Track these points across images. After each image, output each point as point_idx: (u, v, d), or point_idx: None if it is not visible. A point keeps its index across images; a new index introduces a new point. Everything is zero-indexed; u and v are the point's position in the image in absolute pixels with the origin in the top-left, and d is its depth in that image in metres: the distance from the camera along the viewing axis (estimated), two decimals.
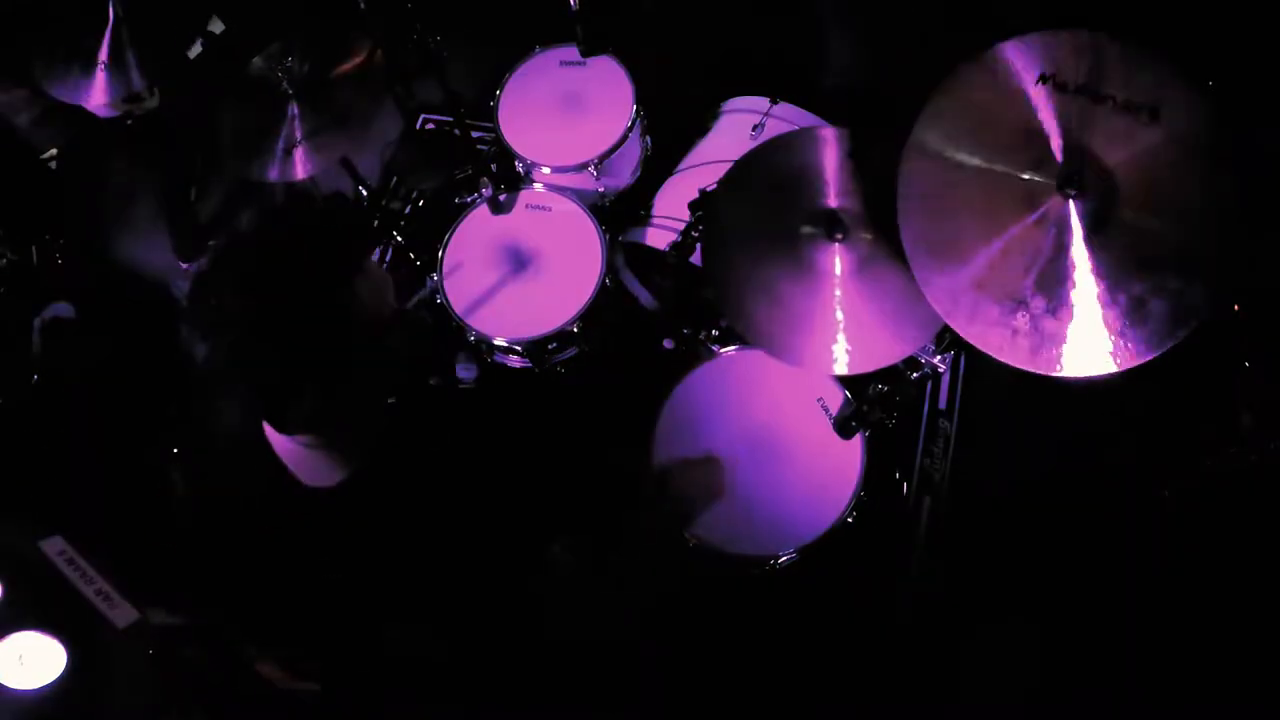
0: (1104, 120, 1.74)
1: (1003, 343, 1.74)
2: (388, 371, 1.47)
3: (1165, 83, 1.71)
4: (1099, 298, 1.70)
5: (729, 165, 2.37)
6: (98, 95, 2.73)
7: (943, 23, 3.42)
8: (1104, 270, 1.71)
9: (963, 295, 1.77)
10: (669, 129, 3.04)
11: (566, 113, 2.95)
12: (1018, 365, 1.72)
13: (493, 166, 3.06)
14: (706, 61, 3.52)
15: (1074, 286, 1.72)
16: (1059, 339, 1.71)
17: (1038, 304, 1.72)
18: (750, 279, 2.17)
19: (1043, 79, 1.77)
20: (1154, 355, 1.67)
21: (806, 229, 2.19)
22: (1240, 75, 2.61)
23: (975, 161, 1.81)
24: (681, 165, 2.87)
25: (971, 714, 2.61)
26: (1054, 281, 1.73)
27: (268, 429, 1.48)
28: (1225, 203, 1.68)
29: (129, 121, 3.29)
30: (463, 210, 2.90)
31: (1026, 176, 1.78)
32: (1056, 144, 1.77)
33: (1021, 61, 1.79)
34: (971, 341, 1.75)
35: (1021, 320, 1.73)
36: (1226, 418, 2.65)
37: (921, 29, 3.46)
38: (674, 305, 2.94)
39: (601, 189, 2.94)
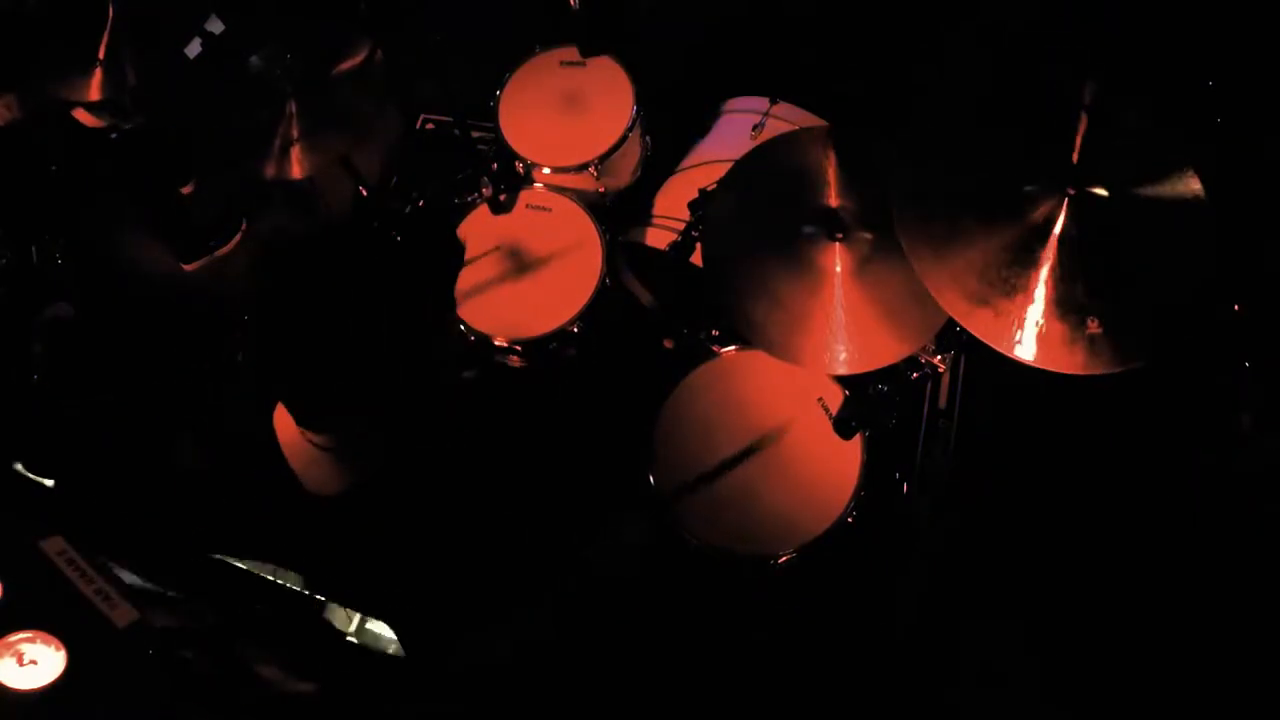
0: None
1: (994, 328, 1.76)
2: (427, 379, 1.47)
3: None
4: (1050, 297, 1.74)
5: (729, 165, 2.37)
6: (93, 93, 2.73)
7: (943, 22, 3.43)
8: (1068, 273, 1.74)
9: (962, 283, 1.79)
10: (669, 129, 3.03)
11: (566, 113, 2.95)
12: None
13: (493, 166, 3.06)
14: (706, 61, 3.52)
15: (1027, 276, 1.75)
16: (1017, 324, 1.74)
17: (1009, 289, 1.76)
18: (750, 279, 2.17)
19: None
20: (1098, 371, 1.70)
21: (806, 229, 2.19)
22: (1243, 81, 2.61)
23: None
24: (681, 165, 2.87)
25: (971, 713, 2.61)
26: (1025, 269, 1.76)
27: (279, 430, 1.47)
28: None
29: (113, 135, 3.28)
30: (463, 210, 2.89)
31: (1029, 188, 1.80)
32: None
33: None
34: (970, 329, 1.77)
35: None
36: (1226, 418, 2.65)
37: (922, 28, 3.47)
38: (674, 305, 2.94)
39: (601, 189, 2.94)
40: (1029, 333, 1.73)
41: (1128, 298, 1.73)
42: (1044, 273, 1.75)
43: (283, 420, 1.48)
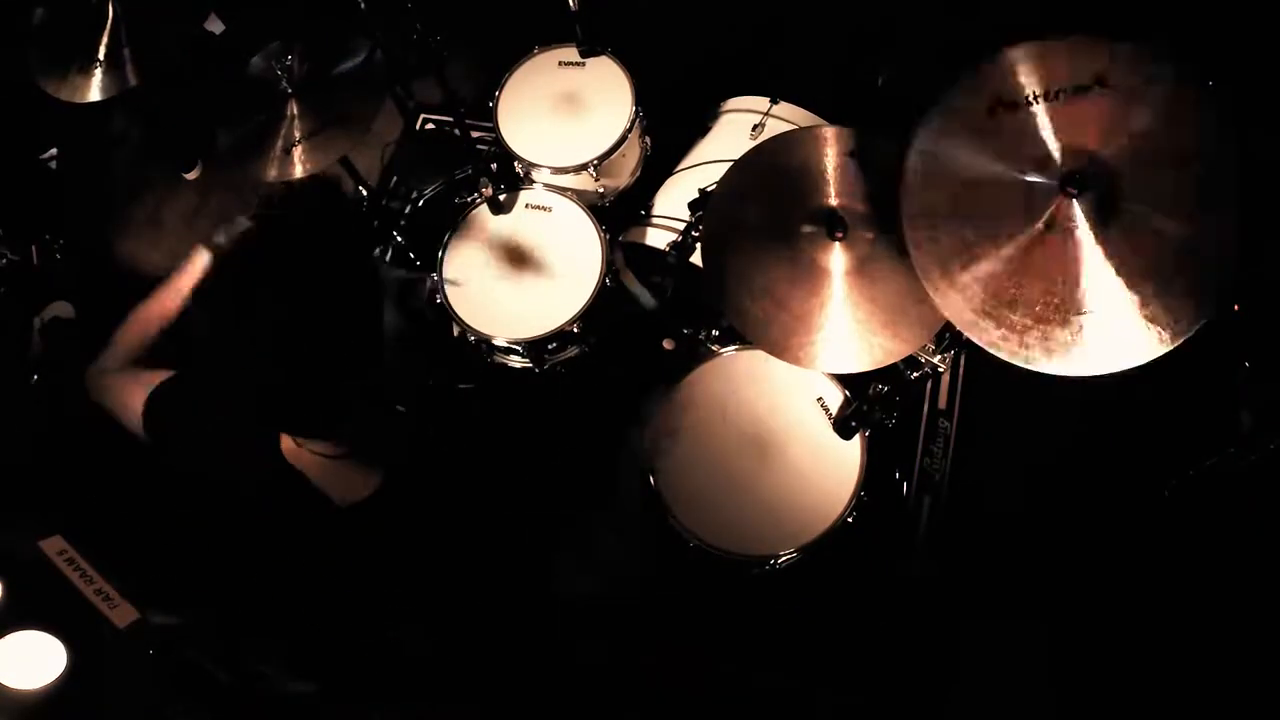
0: (1086, 113, 1.76)
1: (1018, 349, 1.74)
2: (401, 372, 1.45)
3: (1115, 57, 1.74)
4: (1112, 296, 1.70)
5: (729, 165, 2.37)
6: (93, 93, 2.73)
7: (941, 20, 3.43)
8: (1114, 269, 1.71)
9: (974, 302, 1.77)
10: (669, 129, 3.03)
11: (566, 113, 2.95)
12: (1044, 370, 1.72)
13: (493, 166, 3.05)
14: (706, 61, 3.52)
15: (1088, 287, 1.72)
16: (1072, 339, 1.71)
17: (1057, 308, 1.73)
18: (750, 279, 2.17)
19: (1032, 97, 1.77)
20: (1165, 350, 1.67)
21: (806, 228, 2.19)
22: (1240, 78, 2.61)
23: (974, 171, 1.81)
24: (681, 165, 2.87)
25: (971, 713, 2.61)
26: (1071, 284, 1.72)
27: (288, 450, 1.45)
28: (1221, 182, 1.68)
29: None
30: (463, 210, 2.90)
31: (1030, 179, 1.78)
32: (1055, 147, 1.77)
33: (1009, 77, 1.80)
34: (986, 348, 1.75)
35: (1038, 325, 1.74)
36: (1226, 418, 2.65)
37: (921, 27, 3.47)
38: (674, 305, 2.94)
39: (601, 189, 2.94)
40: (1036, 341, 1.71)
41: (1129, 296, 1.72)
42: (1043, 278, 1.73)
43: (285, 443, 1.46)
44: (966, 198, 1.80)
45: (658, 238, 2.71)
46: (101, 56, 2.72)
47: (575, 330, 2.69)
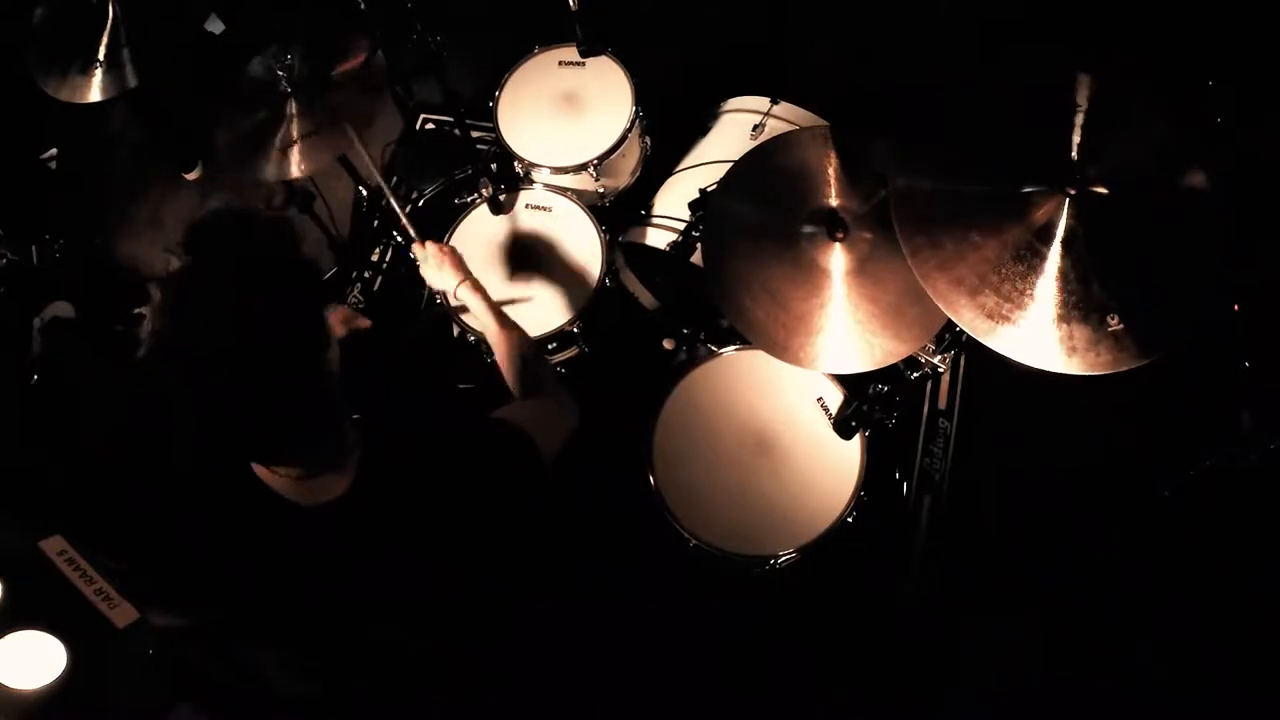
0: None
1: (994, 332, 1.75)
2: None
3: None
4: (1062, 299, 1.72)
5: (729, 165, 2.37)
6: (93, 94, 2.73)
7: (940, 22, 3.44)
8: (1081, 275, 1.73)
9: (963, 289, 1.77)
10: (669, 129, 3.03)
11: (566, 113, 2.95)
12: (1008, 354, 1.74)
13: (493, 166, 3.05)
14: (706, 61, 3.52)
15: (1041, 284, 1.74)
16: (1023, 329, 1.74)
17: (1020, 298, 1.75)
18: (750, 279, 2.17)
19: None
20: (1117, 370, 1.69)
21: (806, 229, 2.19)
22: (1235, 77, 2.62)
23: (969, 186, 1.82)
24: (681, 165, 2.87)
25: (971, 713, 2.61)
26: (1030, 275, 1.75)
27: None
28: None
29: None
30: (463, 210, 2.90)
31: (1028, 189, 1.79)
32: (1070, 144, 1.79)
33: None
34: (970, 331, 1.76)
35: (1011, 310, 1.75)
36: (1226, 418, 2.65)
37: (921, 28, 3.48)
38: (674, 305, 2.94)
39: (601, 189, 2.94)
40: (1053, 341, 1.71)
41: (1144, 289, 1.71)
42: (1056, 278, 1.74)
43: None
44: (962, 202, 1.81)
45: (658, 238, 2.71)
46: (101, 56, 2.72)
47: (575, 330, 2.69)
